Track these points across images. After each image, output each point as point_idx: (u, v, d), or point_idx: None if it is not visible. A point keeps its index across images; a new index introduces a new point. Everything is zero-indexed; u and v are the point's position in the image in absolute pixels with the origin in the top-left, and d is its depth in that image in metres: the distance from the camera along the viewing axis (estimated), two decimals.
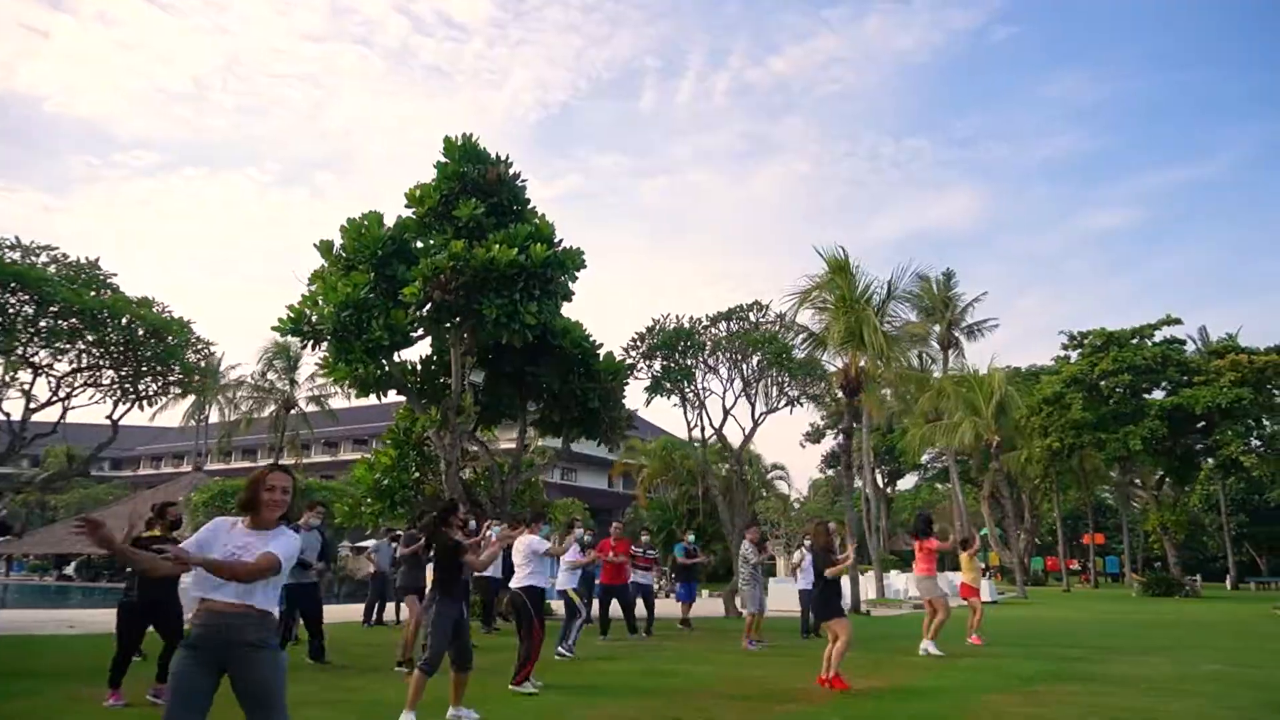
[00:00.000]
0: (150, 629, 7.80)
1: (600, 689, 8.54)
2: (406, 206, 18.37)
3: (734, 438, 22.34)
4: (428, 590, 7.67)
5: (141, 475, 75.35)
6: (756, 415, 19.59)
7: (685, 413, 20.23)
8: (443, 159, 18.12)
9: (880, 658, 11.38)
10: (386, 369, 18.71)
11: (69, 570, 44.42)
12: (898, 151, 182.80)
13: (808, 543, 13.62)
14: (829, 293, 23.49)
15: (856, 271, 23.52)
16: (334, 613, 18.67)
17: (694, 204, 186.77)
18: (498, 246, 16.69)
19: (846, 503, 22.19)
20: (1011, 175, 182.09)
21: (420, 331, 18.31)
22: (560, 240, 17.98)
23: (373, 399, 21.39)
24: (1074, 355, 39.70)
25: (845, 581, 21.65)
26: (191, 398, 44.29)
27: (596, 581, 15.21)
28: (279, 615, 9.43)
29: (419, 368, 20.66)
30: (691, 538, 18.79)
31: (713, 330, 19.15)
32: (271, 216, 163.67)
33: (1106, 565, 60.35)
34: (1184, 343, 38.58)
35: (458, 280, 16.53)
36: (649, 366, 19.58)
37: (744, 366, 18.29)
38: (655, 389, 18.37)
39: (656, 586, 19.79)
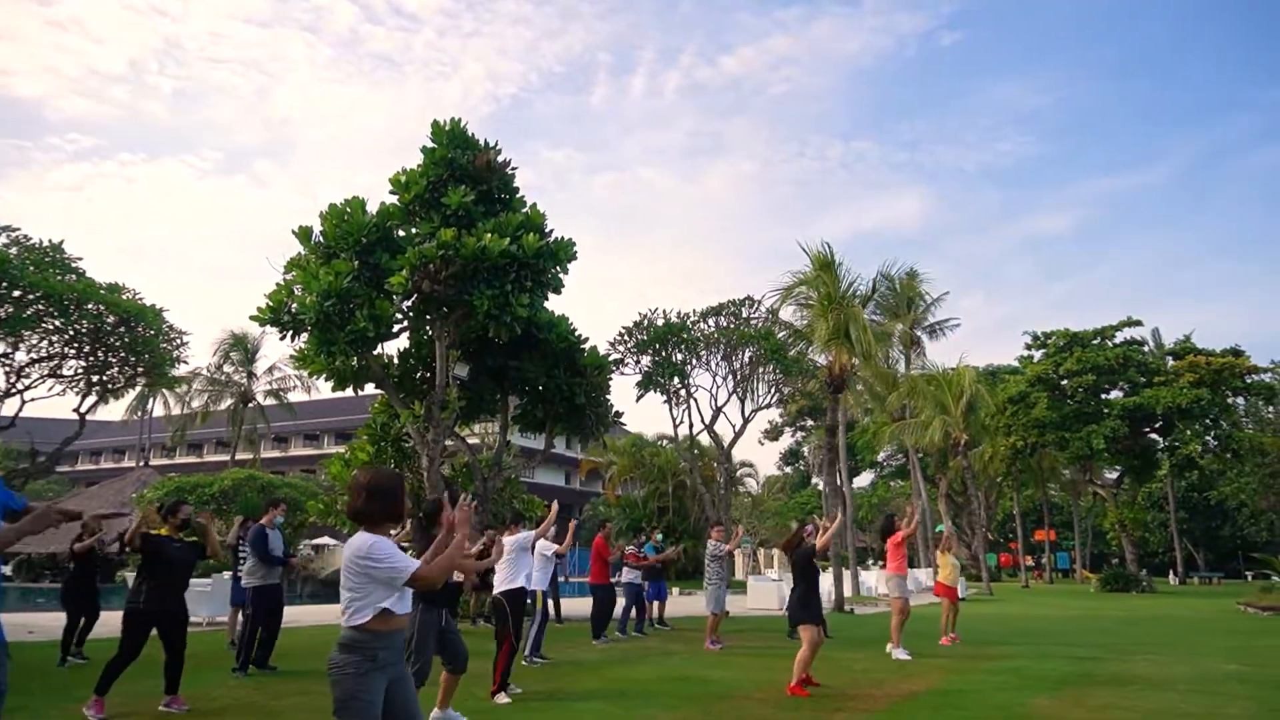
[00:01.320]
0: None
1: (637, 696, 8.14)
2: (391, 193, 17.67)
3: (719, 434, 21.99)
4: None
5: (81, 471, 72.56)
6: (746, 412, 19.31)
7: (671, 409, 19.87)
8: (430, 144, 17.46)
9: (886, 658, 11.19)
10: (365, 362, 18.04)
11: (6, 570, 42.40)
12: (846, 153, 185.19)
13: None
14: (813, 289, 23.42)
15: (840, 268, 23.55)
16: (306, 614, 17.96)
17: (645, 201, 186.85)
18: (489, 236, 16.13)
19: (835, 501, 22.06)
20: (956, 179, 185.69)
21: (404, 323, 17.68)
22: (551, 230, 17.50)
23: (333, 393, 20.61)
24: (1038, 355, 40.34)
25: (829, 580, 21.56)
26: (137, 389, 42.65)
27: (561, 580, 15.08)
28: (247, 619, 9.11)
29: (395, 361, 19.99)
30: (660, 536, 18.44)
31: (702, 325, 18.81)
32: (212, 205, 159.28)
33: (1057, 561, 61.68)
34: (1143, 344, 39.45)
35: (448, 270, 15.94)
36: (637, 362, 19.15)
37: (736, 362, 17.94)
38: (647, 384, 17.95)
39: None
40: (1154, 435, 37.96)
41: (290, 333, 16.78)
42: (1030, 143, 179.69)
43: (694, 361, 17.68)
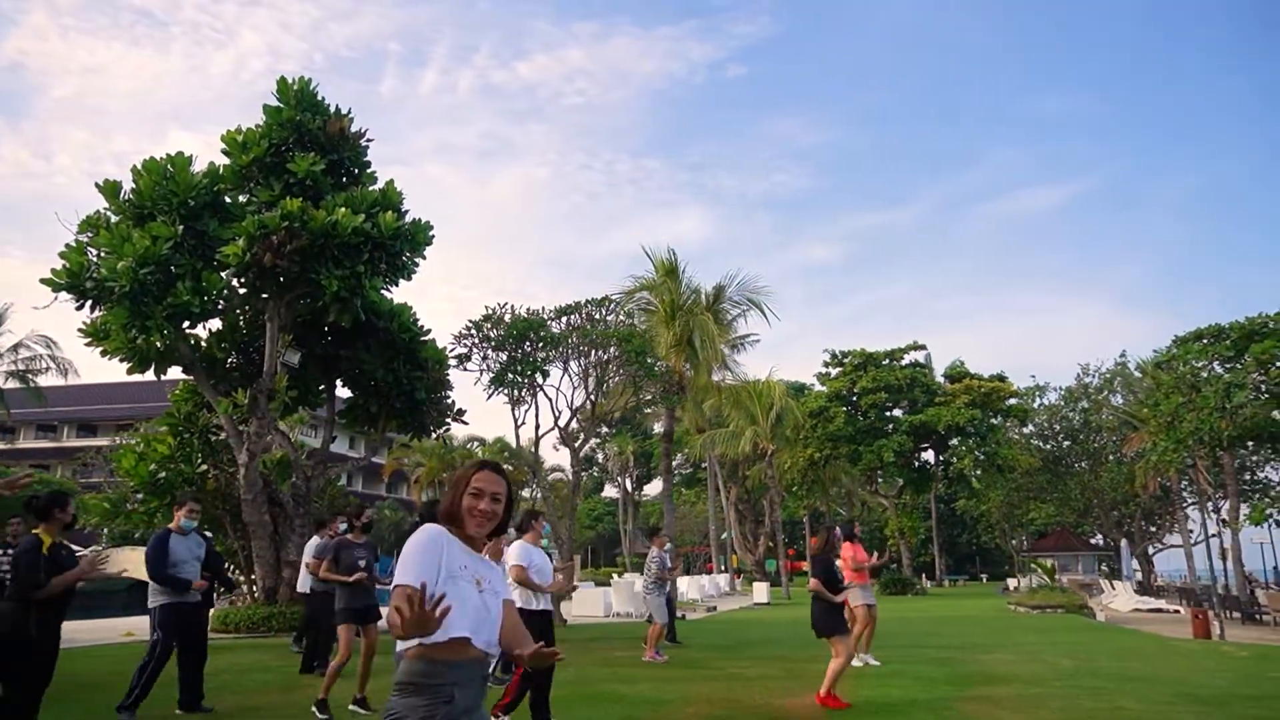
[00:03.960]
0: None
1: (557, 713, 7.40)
2: (225, 153, 15.66)
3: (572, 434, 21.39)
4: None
5: None
6: (599, 414, 18.86)
7: (514, 409, 19.03)
8: (275, 103, 15.66)
9: (794, 667, 11.18)
10: (172, 342, 15.83)
11: None
12: (634, 169, 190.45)
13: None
14: (657, 295, 23.44)
15: (683, 276, 23.76)
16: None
17: (432, 198, 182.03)
18: (341, 210, 14.69)
19: (668, 507, 22.14)
20: (738, 203, 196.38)
21: (230, 300, 15.72)
22: (406, 211, 16.21)
23: (128, 376, 18.01)
24: (834, 372, 43.07)
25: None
26: None
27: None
28: (156, 643, 7.10)
29: (204, 343, 17.75)
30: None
31: (555, 324, 18.19)
32: None
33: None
34: (926, 366, 43.22)
35: (293, 244, 14.32)
36: (484, 358, 18.19)
37: (594, 361, 17.49)
38: (499, 382, 17.06)
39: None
40: (931, 450, 41.69)
41: (91, 302, 14.37)
42: (805, 175, 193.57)
43: (553, 360, 16.98)
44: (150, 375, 16.79)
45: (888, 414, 41.12)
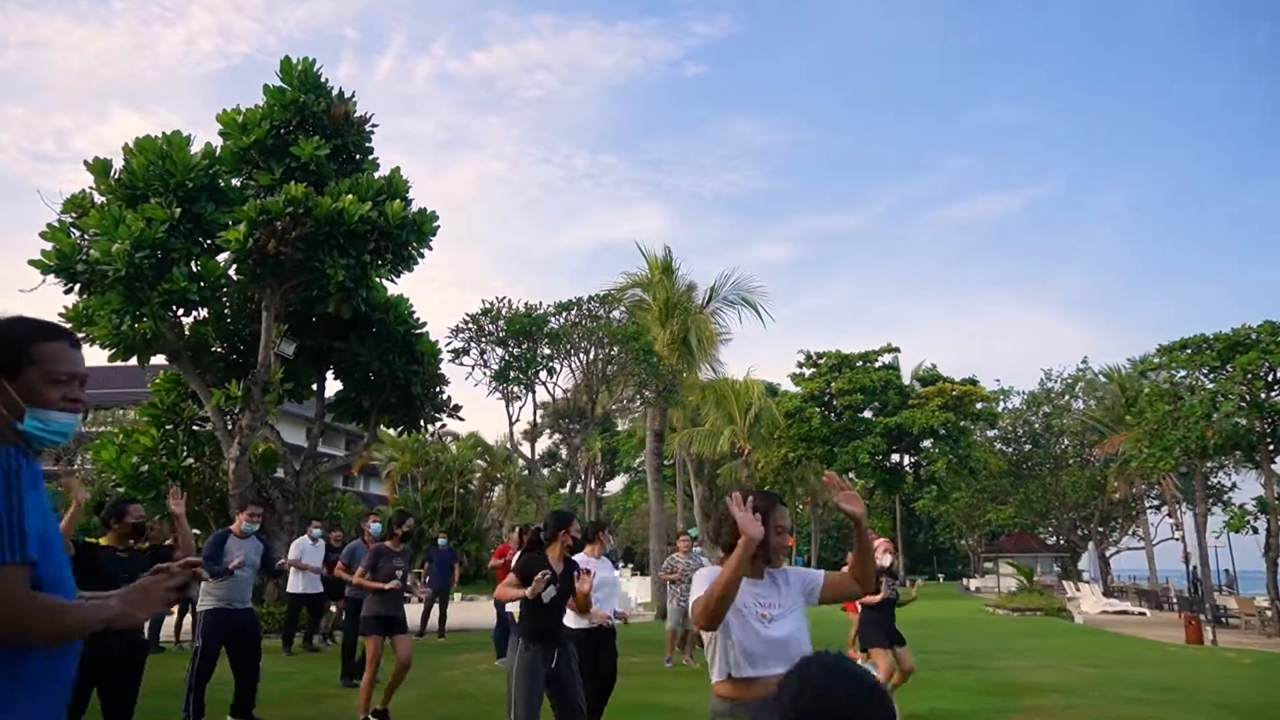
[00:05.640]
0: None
1: None
2: (222, 134, 14.99)
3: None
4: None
5: None
6: (598, 412, 18.54)
7: (508, 406, 18.62)
8: (279, 84, 15.02)
9: None
10: (160, 329, 15.09)
11: None
12: (592, 165, 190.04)
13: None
14: (650, 293, 23.12)
15: (678, 273, 23.48)
16: None
17: None
18: (348, 197, 14.14)
19: (657, 507, 21.91)
20: (693, 201, 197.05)
21: (228, 287, 15.06)
22: (411, 200, 15.68)
23: (110, 363, 17.27)
24: (808, 372, 43.18)
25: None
26: None
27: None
28: (198, 650, 6.69)
29: (186, 330, 17.01)
30: (442, 541, 17.08)
31: (556, 319, 17.82)
32: None
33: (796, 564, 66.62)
34: (895, 368, 43.58)
35: (298, 230, 13.74)
36: (482, 353, 17.77)
37: (598, 359, 17.17)
38: (501, 379, 16.64)
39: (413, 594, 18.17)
40: (902, 453, 42.07)
41: (80, 286, 13.61)
42: (759, 177, 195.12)
43: (556, 357, 16.63)
44: (133, 362, 16.04)
45: (860, 416, 41.41)
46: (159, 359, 16.68)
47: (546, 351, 16.48)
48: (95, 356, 16.31)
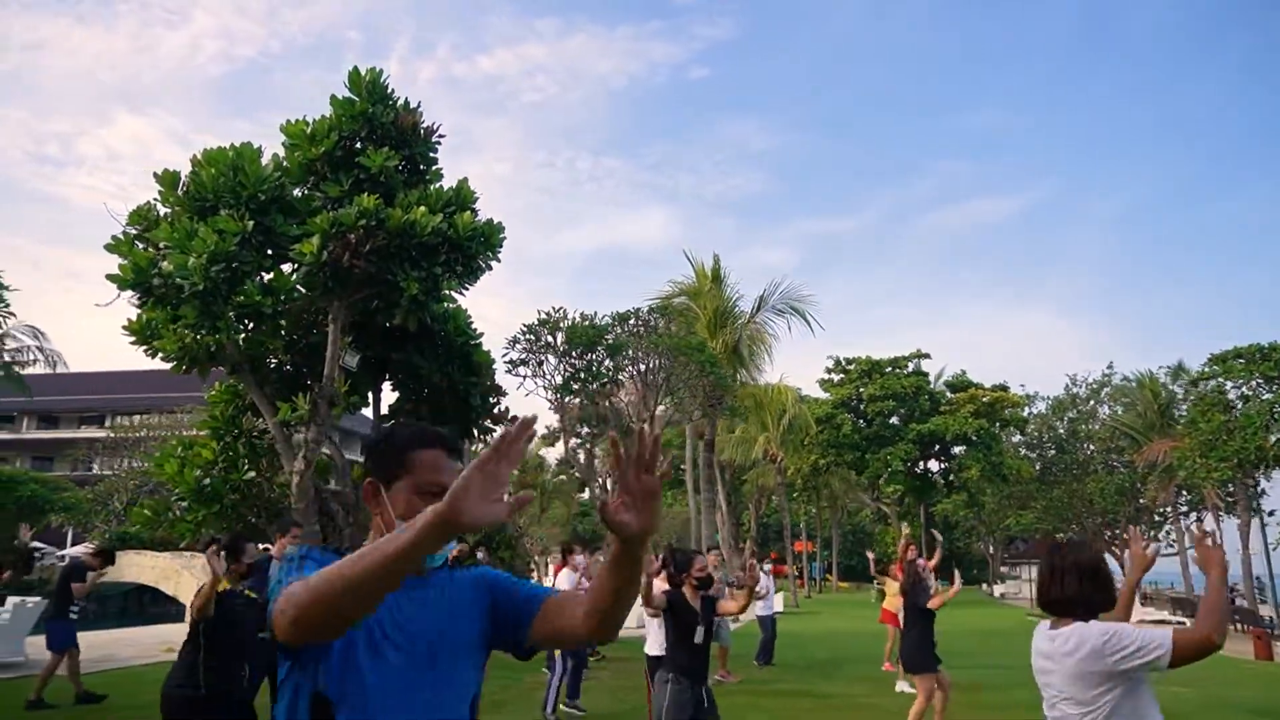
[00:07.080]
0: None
1: None
2: (289, 145, 14.85)
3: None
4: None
5: None
6: (658, 425, 18.37)
7: (562, 418, 18.49)
8: (347, 94, 14.87)
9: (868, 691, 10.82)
10: (221, 341, 14.98)
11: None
12: (594, 168, 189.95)
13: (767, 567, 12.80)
14: (700, 303, 22.98)
15: (726, 283, 23.34)
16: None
17: None
18: (419, 210, 14.00)
19: (707, 518, 21.76)
20: (696, 204, 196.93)
21: (299, 300, 14.91)
22: (479, 211, 15.54)
23: (172, 375, 17.17)
24: (838, 378, 43.02)
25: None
26: None
27: None
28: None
29: (241, 343, 16.88)
30: (480, 554, 16.87)
31: (616, 330, 17.68)
32: None
33: (813, 571, 66.35)
34: (927, 375, 43.39)
35: (371, 243, 13.61)
36: (539, 365, 17.63)
37: (661, 371, 17.02)
38: (566, 390, 16.51)
39: None
40: (935, 459, 41.87)
41: (158, 301, 13.47)
42: (760, 180, 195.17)
43: (628, 367, 16.49)
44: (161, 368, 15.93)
45: (889, 422, 41.17)
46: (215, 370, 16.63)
47: (609, 364, 16.29)
48: (108, 361, 16.27)
